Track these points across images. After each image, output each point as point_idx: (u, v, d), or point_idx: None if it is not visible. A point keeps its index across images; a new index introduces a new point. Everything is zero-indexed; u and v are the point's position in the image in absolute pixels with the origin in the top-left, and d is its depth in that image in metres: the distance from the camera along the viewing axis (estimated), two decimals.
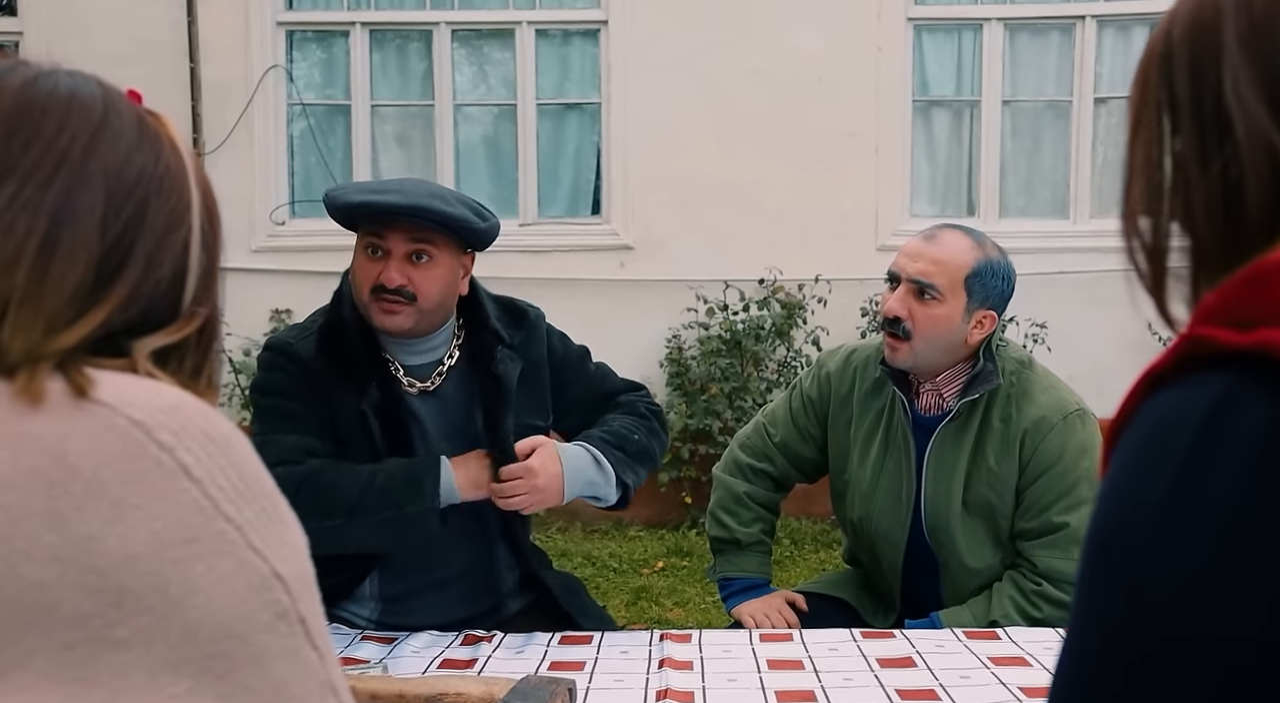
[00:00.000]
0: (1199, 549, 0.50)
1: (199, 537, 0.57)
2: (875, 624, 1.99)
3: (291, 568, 0.60)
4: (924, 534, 1.92)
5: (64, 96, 0.67)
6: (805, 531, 4.79)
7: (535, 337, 1.88)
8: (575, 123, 5.37)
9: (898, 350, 1.86)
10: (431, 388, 1.80)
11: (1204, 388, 0.53)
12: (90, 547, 0.54)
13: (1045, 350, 4.74)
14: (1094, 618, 0.55)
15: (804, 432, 2.07)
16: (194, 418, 0.60)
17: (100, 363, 0.62)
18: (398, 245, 1.69)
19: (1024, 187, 5.38)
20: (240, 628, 0.56)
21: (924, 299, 1.83)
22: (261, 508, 0.60)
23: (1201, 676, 0.50)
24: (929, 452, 1.90)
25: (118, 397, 0.59)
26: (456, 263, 1.75)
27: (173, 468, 0.58)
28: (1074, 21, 5.22)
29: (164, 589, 0.55)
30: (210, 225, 0.73)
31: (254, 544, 0.58)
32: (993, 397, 1.87)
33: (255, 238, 5.18)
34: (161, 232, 0.68)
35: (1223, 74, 0.58)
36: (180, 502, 0.57)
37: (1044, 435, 1.83)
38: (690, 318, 5.03)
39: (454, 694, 1.29)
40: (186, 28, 5.10)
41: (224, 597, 0.56)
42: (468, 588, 1.83)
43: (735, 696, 1.41)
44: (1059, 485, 1.83)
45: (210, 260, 0.73)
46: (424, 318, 1.73)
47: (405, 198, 1.66)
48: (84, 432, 0.57)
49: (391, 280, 1.68)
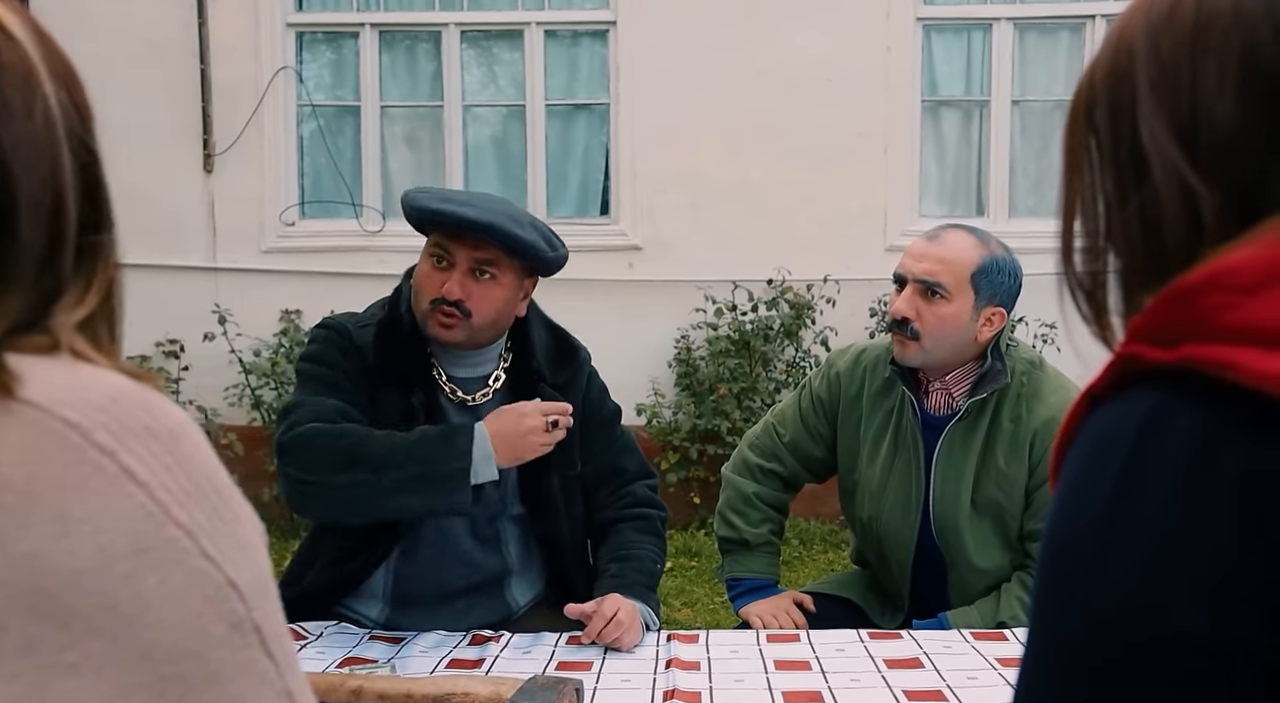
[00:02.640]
0: (1138, 558, 0.53)
1: (149, 547, 0.52)
2: (883, 625, 1.99)
3: (246, 574, 0.55)
4: (932, 535, 1.92)
5: None
6: (814, 531, 4.79)
7: (578, 381, 1.89)
8: (584, 123, 5.37)
9: (907, 348, 1.87)
10: (471, 403, 1.81)
11: (1136, 404, 0.57)
12: (34, 566, 0.49)
13: (1055, 351, 4.72)
14: (1049, 628, 0.58)
15: (813, 431, 2.07)
16: (134, 412, 0.54)
17: (19, 345, 0.54)
18: (463, 258, 1.71)
19: (1033, 187, 5.36)
20: (195, 645, 0.52)
21: (931, 298, 1.83)
22: (213, 508, 0.55)
23: (1157, 678, 0.52)
24: (938, 452, 1.90)
25: (48, 395, 0.52)
26: (518, 285, 1.77)
27: (115, 472, 0.52)
28: (1084, 21, 5.21)
29: (114, 608, 0.50)
30: (82, 125, 0.59)
31: (207, 551, 0.54)
32: (1003, 397, 1.86)
33: (265, 239, 5.20)
34: (37, 158, 0.55)
35: (1138, 118, 0.63)
36: (127, 509, 0.52)
37: (1054, 436, 1.82)
38: (699, 318, 5.03)
39: (462, 694, 1.30)
40: (197, 29, 5.12)
41: (178, 612, 0.52)
42: (478, 603, 1.83)
43: (742, 696, 1.41)
44: None
45: (95, 172, 0.59)
46: (475, 334, 1.75)
47: (481, 214, 1.68)
48: (14, 439, 0.51)
49: (452, 293, 1.70)
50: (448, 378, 1.80)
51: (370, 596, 1.82)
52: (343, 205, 5.29)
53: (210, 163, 5.18)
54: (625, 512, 1.93)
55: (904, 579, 1.98)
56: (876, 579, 2.10)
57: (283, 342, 4.96)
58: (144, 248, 5.17)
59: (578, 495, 1.90)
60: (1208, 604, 0.51)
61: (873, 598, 2.07)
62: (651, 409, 4.97)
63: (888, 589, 2.06)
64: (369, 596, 1.82)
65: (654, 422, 4.97)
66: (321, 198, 5.35)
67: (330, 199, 5.33)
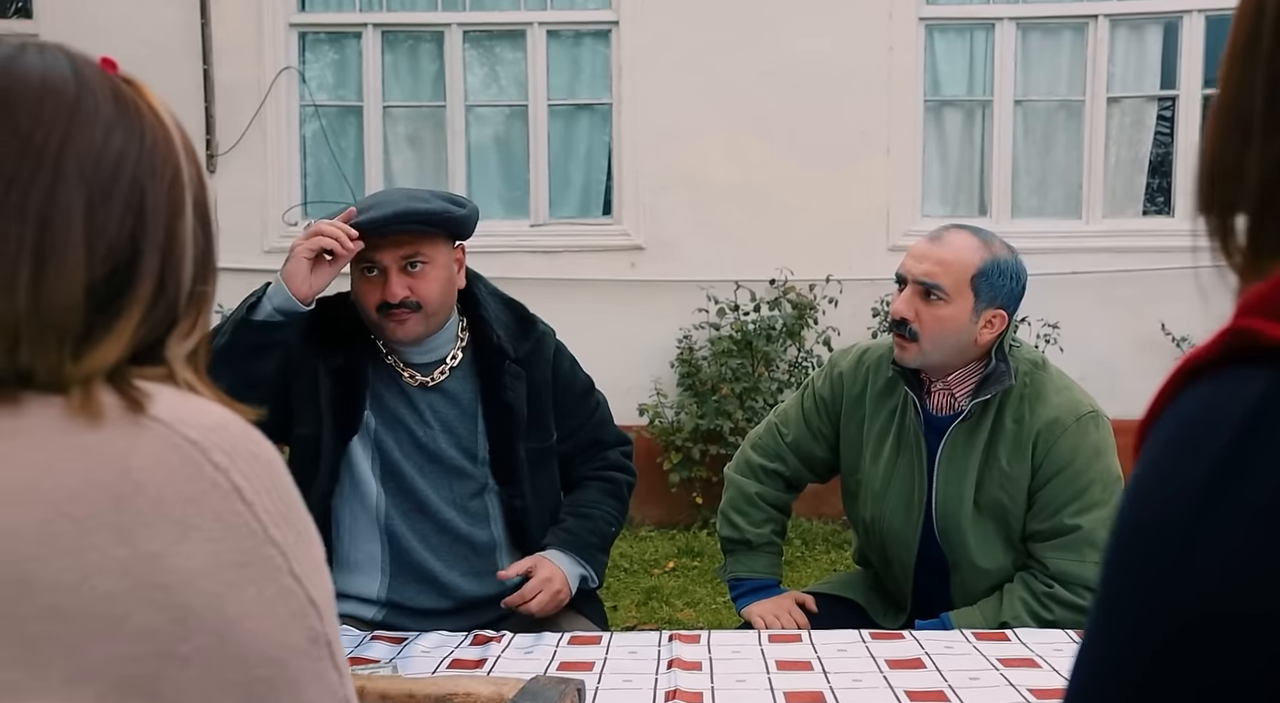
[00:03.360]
0: (1239, 534, 0.50)
1: (250, 561, 0.58)
2: (885, 625, 1.98)
3: (322, 593, 0.61)
4: (935, 535, 1.92)
5: (35, 82, 0.63)
6: (816, 531, 4.79)
7: (542, 352, 1.91)
8: (586, 123, 5.37)
9: (906, 350, 1.86)
10: (431, 383, 1.85)
11: (1246, 382, 0.52)
12: (157, 564, 0.55)
13: (1057, 351, 4.72)
14: (1125, 604, 0.54)
15: (816, 431, 2.07)
16: (242, 439, 0.61)
17: (142, 373, 0.62)
18: (390, 259, 1.75)
19: (1036, 187, 5.36)
20: (281, 653, 0.58)
21: (930, 300, 1.83)
22: (299, 532, 0.61)
23: (1251, 659, 0.50)
24: (940, 452, 1.90)
25: (173, 414, 0.59)
26: (449, 259, 1.81)
27: (228, 489, 0.58)
28: (1086, 21, 5.20)
29: (221, 610, 0.56)
30: (202, 195, 0.70)
31: (294, 570, 0.60)
32: (1005, 397, 1.86)
33: (268, 239, 5.20)
34: (168, 215, 0.65)
35: None
36: (235, 525, 0.58)
37: (1057, 437, 1.82)
38: (701, 318, 5.03)
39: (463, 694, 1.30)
40: (200, 30, 5.12)
41: (269, 623, 0.58)
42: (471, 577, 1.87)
43: (744, 696, 1.41)
44: (1071, 488, 1.82)
45: (208, 234, 0.71)
46: (431, 321, 1.79)
47: (382, 210, 1.72)
48: (145, 449, 0.57)
49: (394, 296, 1.74)
50: (404, 364, 1.85)
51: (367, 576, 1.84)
52: (345, 205, 5.29)
53: (213, 163, 5.18)
54: (595, 472, 2.00)
55: (906, 580, 1.97)
56: (879, 580, 2.09)
57: None
58: None
59: (548, 470, 1.94)
60: None
61: (875, 598, 2.07)
62: (654, 409, 4.97)
63: (890, 590, 2.06)
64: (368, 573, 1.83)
65: (656, 422, 4.97)
66: (324, 198, 5.36)
67: (333, 199, 5.33)
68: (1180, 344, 5.02)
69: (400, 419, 1.84)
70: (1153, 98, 5.29)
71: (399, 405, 1.84)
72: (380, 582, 1.84)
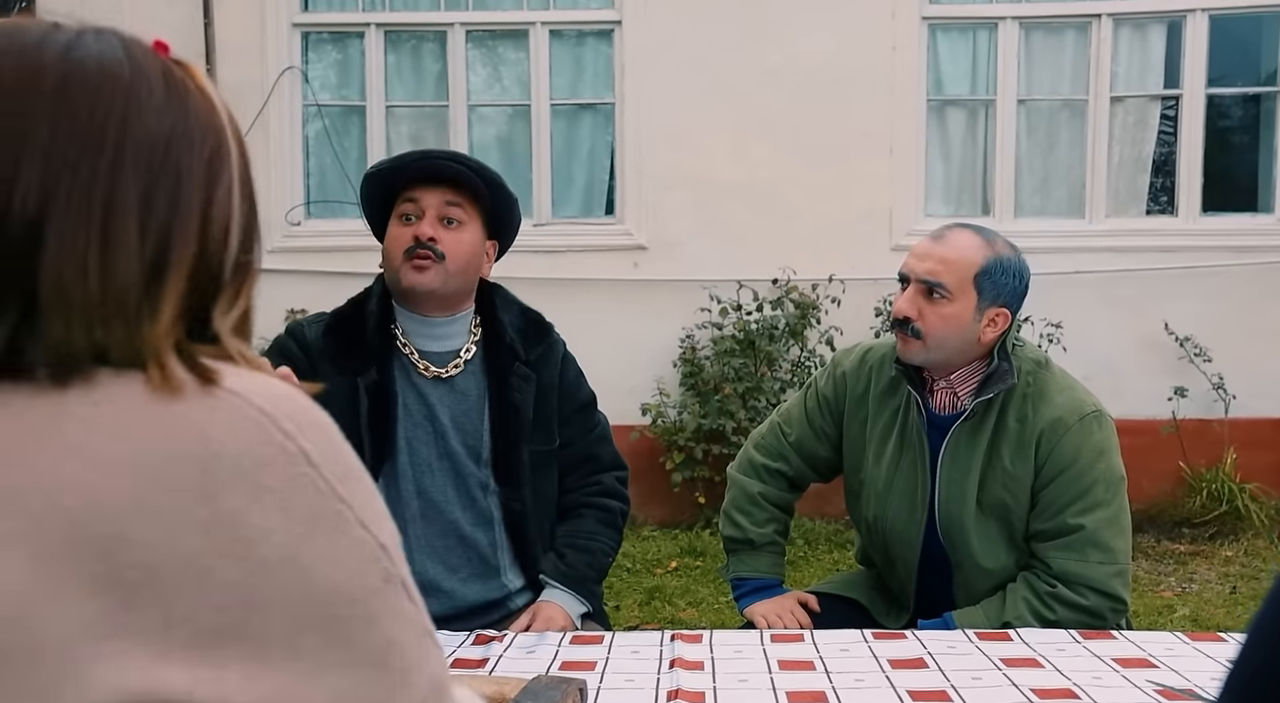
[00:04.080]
0: None
1: (320, 516, 0.64)
2: (888, 625, 1.98)
3: (390, 538, 0.67)
4: (938, 534, 1.92)
5: (93, 69, 0.67)
6: (819, 531, 4.78)
7: (552, 356, 1.94)
8: (589, 123, 5.37)
9: (910, 346, 1.86)
10: (445, 376, 1.86)
11: None
12: (236, 521, 0.61)
13: (1060, 350, 4.72)
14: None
15: (819, 431, 2.07)
16: (306, 408, 0.67)
17: (203, 352, 0.67)
18: (433, 205, 1.82)
19: (1039, 186, 5.35)
20: (358, 594, 0.64)
21: (933, 299, 1.83)
22: (362, 488, 0.67)
23: None
24: (944, 451, 1.90)
25: (243, 387, 0.65)
26: (480, 238, 1.87)
27: (295, 454, 0.64)
28: (1090, 20, 5.20)
29: (295, 560, 0.62)
30: (245, 170, 0.76)
31: (363, 521, 0.65)
32: (1009, 396, 1.86)
33: (271, 238, 5.20)
34: (205, 187, 0.70)
35: None
36: (303, 485, 0.63)
37: (1060, 437, 1.82)
38: (704, 318, 5.03)
39: None
40: (203, 29, 5.13)
41: (343, 569, 0.64)
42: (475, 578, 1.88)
43: (746, 696, 1.41)
44: (1075, 488, 1.82)
45: (251, 206, 0.75)
46: (449, 280, 1.83)
47: (446, 153, 1.85)
48: (223, 419, 0.63)
49: (424, 233, 1.80)
50: (419, 354, 1.85)
51: None
52: (348, 205, 5.29)
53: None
54: (591, 498, 1.98)
55: (909, 579, 1.97)
56: (882, 579, 2.09)
57: None
58: None
59: (549, 475, 1.94)
60: None
61: (877, 598, 2.07)
62: (656, 409, 4.97)
63: (893, 589, 2.06)
64: None
65: (659, 421, 4.97)
66: (327, 198, 5.36)
67: (336, 199, 5.34)
68: (1183, 344, 5.02)
69: (412, 412, 1.84)
70: (1156, 97, 5.28)
71: (411, 398, 1.84)
72: None
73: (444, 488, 1.84)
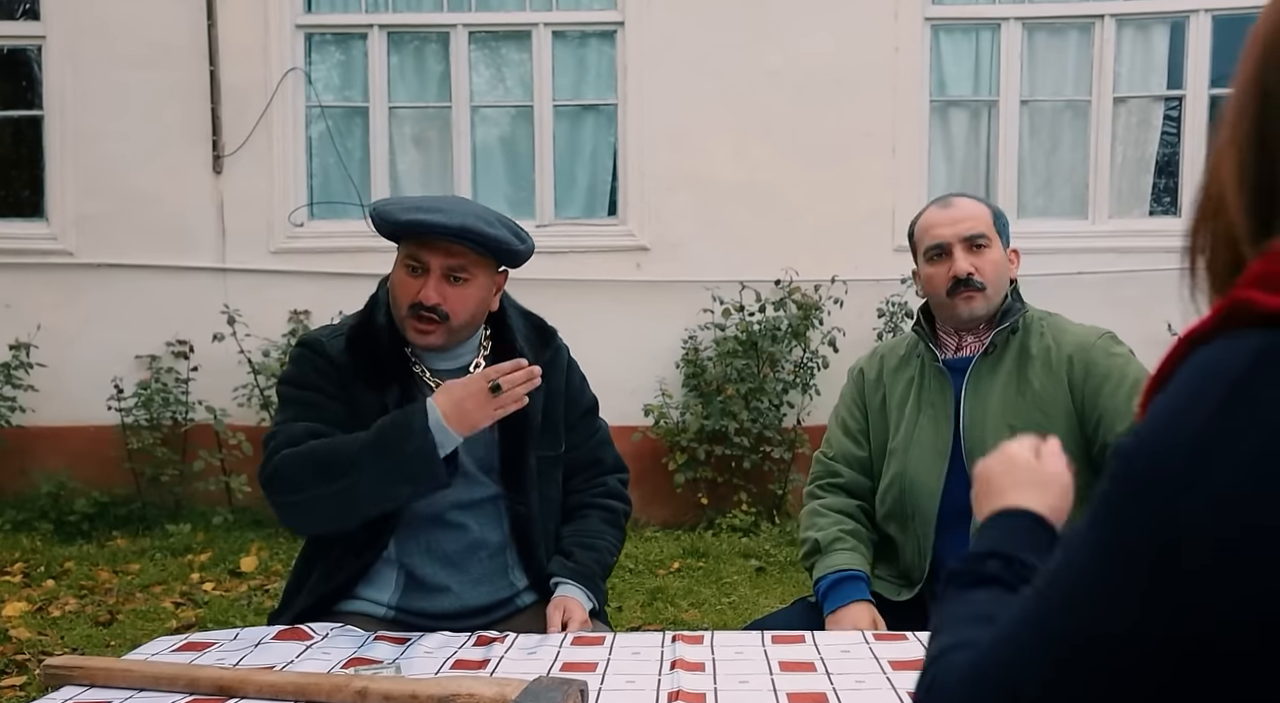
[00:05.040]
0: (1241, 471, 0.56)
1: None
2: (891, 599, 1.98)
3: None
4: (962, 480, 1.90)
5: None
6: None
7: (559, 362, 1.97)
8: (592, 124, 5.38)
9: (974, 301, 1.97)
10: None
11: (1244, 341, 0.59)
12: None
13: None
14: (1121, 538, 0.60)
15: (855, 435, 2.13)
16: None
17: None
18: (436, 265, 1.77)
19: (1042, 187, 5.35)
20: None
21: (979, 250, 1.98)
22: None
23: (1246, 578, 0.55)
24: (965, 388, 1.99)
25: None
26: (490, 282, 1.84)
27: None
28: (1093, 20, 5.19)
29: None
30: None
31: None
32: (1027, 332, 2.00)
33: (274, 239, 5.22)
34: None
35: None
36: None
37: (1089, 354, 1.95)
38: (706, 319, 5.03)
39: (466, 695, 1.30)
40: (206, 31, 5.14)
41: None
42: (483, 578, 1.89)
43: (747, 697, 1.41)
44: (1126, 388, 1.90)
45: None
46: (454, 335, 1.83)
47: (450, 219, 1.73)
48: None
49: (429, 298, 1.77)
50: (431, 373, 1.87)
51: (381, 581, 1.85)
52: (351, 206, 5.30)
53: (219, 164, 5.20)
54: (596, 499, 2.01)
55: (927, 537, 1.97)
56: (893, 547, 2.07)
57: (291, 342, 4.97)
58: (153, 249, 5.20)
59: (555, 479, 1.97)
60: None
61: (884, 569, 2.07)
62: (659, 410, 4.97)
63: (905, 557, 2.03)
64: (380, 581, 1.85)
65: (661, 422, 4.97)
66: (330, 199, 5.37)
67: (339, 200, 5.34)
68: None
69: None
70: (1159, 98, 5.28)
71: None
72: (392, 593, 1.86)
73: (455, 494, 1.85)
